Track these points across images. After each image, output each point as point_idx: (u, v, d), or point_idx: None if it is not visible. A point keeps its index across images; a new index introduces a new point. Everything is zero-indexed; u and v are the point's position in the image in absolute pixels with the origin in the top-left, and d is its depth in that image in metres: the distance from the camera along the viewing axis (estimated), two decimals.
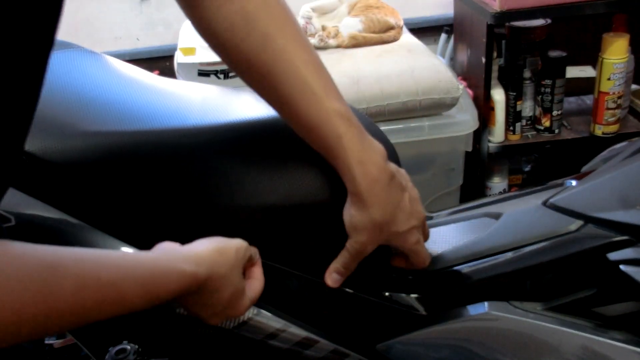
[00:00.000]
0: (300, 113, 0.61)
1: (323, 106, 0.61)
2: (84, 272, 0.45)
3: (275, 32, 0.60)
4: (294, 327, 0.69)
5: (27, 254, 0.42)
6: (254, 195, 0.65)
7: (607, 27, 1.64)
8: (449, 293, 0.70)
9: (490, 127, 1.72)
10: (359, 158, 0.61)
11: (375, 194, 0.62)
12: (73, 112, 0.70)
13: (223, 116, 0.70)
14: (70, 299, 0.43)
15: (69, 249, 0.45)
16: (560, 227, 0.68)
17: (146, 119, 0.70)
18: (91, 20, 1.98)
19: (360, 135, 0.62)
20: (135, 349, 0.68)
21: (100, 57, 0.84)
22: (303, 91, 0.61)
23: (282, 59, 0.60)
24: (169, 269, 0.52)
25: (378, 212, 0.63)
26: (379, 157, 0.63)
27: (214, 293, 0.57)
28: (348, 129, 0.61)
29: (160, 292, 0.50)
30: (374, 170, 0.62)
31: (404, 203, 0.65)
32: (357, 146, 0.61)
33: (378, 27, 1.74)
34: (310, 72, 0.61)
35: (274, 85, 0.61)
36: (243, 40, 0.60)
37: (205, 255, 0.56)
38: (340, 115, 0.61)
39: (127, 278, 0.47)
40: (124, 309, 0.47)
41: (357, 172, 0.61)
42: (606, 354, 0.62)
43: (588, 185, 0.70)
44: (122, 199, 0.67)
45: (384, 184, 0.63)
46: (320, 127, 0.61)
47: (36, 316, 0.41)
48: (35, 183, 0.67)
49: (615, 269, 0.62)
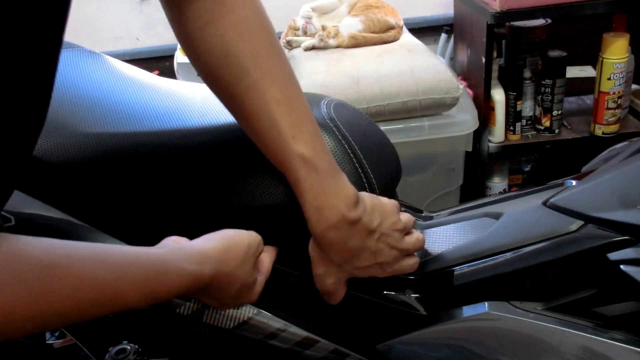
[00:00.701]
0: (266, 150, 0.62)
1: (287, 148, 0.60)
2: (81, 272, 0.44)
3: (250, 66, 0.60)
4: (294, 327, 0.69)
5: (24, 253, 0.42)
6: (254, 196, 0.65)
7: (607, 27, 1.64)
8: (449, 293, 0.70)
9: (490, 127, 1.72)
10: (315, 204, 0.61)
11: (330, 239, 0.62)
12: (73, 113, 0.70)
13: (223, 116, 0.70)
14: (66, 299, 0.43)
15: (66, 247, 0.45)
16: (561, 227, 0.68)
17: (146, 120, 0.70)
18: (91, 20, 1.98)
19: (321, 181, 0.61)
20: (135, 349, 0.68)
21: (101, 57, 0.84)
22: (270, 129, 0.60)
23: (253, 94, 0.60)
24: (170, 268, 0.51)
25: (335, 256, 0.64)
26: (341, 204, 0.61)
27: (221, 289, 0.57)
28: (308, 174, 0.61)
29: (159, 291, 0.50)
30: (331, 217, 0.61)
31: (369, 243, 0.64)
32: (314, 192, 0.61)
33: (378, 27, 1.74)
34: (281, 111, 0.60)
35: (245, 118, 0.62)
36: (219, 68, 0.60)
37: (211, 254, 0.55)
38: (302, 159, 0.60)
39: (125, 277, 0.47)
40: (122, 307, 0.47)
41: (312, 218, 0.62)
42: (606, 354, 0.61)
43: (588, 185, 0.70)
44: (122, 200, 0.67)
45: (342, 230, 0.62)
46: (282, 167, 0.62)
47: (30, 316, 0.41)
48: (35, 183, 0.67)
49: (615, 269, 0.62)
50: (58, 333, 1.02)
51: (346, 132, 0.68)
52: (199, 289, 0.54)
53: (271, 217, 0.66)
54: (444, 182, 1.67)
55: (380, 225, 0.65)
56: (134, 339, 0.69)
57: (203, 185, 0.66)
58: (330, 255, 0.64)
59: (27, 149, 0.44)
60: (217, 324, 0.68)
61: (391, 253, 0.66)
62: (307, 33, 1.77)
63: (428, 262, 0.73)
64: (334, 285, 0.66)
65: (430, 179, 1.65)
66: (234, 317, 0.68)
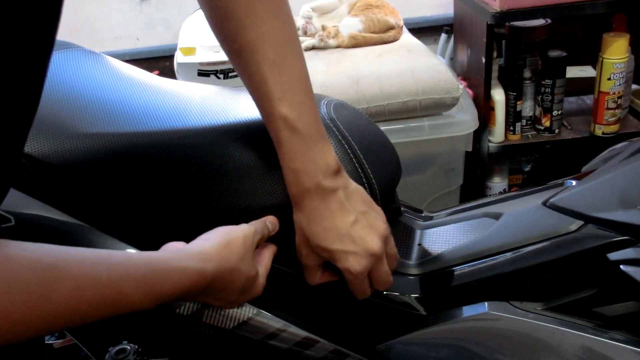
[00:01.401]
0: (257, 105, 0.63)
1: (272, 109, 0.61)
2: (81, 273, 0.44)
3: (248, 25, 0.61)
4: (294, 327, 0.69)
5: (23, 255, 0.41)
6: (254, 196, 0.65)
7: (607, 27, 1.64)
8: (449, 293, 0.70)
9: (490, 127, 1.72)
10: (292, 167, 0.62)
11: (303, 203, 0.63)
12: (72, 113, 0.70)
13: (223, 117, 0.70)
14: (67, 301, 0.42)
15: (67, 249, 0.45)
16: (561, 227, 0.68)
17: (146, 120, 0.70)
18: (91, 20, 1.98)
19: (303, 146, 0.62)
20: (135, 349, 0.68)
21: (100, 57, 0.84)
22: (259, 89, 0.62)
23: (248, 52, 0.61)
24: (172, 268, 0.51)
25: (304, 220, 0.63)
26: (318, 171, 0.62)
27: (225, 287, 0.57)
28: (290, 136, 0.61)
29: (163, 291, 0.50)
30: (306, 182, 0.62)
31: (339, 221, 0.63)
32: (292, 155, 0.62)
33: (378, 27, 1.74)
34: (272, 72, 0.61)
35: (241, 74, 0.63)
36: (222, 23, 0.62)
37: (211, 252, 0.55)
38: (285, 121, 0.61)
39: (126, 278, 0.47)
40: (125, 308, 0.47)
41: (288, 178, 0.63)
42: (606, 354, 0.61)
43: (588, 185, 0.70)
44: (122, 200, 0.67)
45: (315, 197, 0.62)
46: (268, 128, 0.63)
47: (30, 319, 0.40)
48: (34, 184, 0.66)
49: (615, 269, 0.62)
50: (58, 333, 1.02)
51: (346, 132, 0.68)
52: (203, 288, 0.54)
53: None
54: (444, 182, 1.67)
55: (363, 213, 0.64)
56: (134, 339, 0.69)
57: (203, 185, 0.66)
58: (300, 218, 0.64)
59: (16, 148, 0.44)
60: (217, 324, 0.67)
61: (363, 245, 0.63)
62: (307, 33, 1.77)
63: (428, 262, 0.73)
64: (307, 259, 0.65)
65: (430, 179, 1.65)
66: (234, 317, 0.68)
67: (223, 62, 1.59)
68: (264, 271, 0.63)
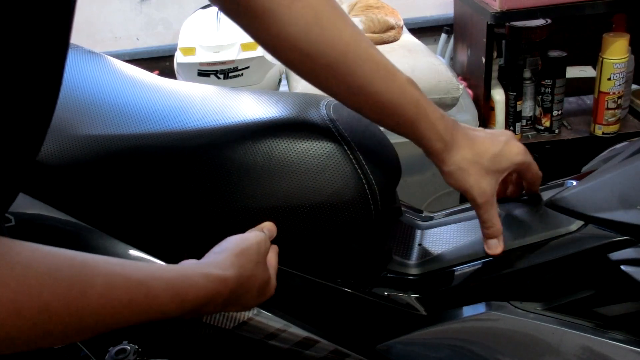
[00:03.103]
0: (378, 92, 0.64)
1: (398, 80, 0.65)
2: (113, 272, 0.44)
3: (341, 23, 0.63)
4: (294, 327, 0.69)
5: (57, 254, 0.42)
6: (254, 197, 0.65)
7: (607, 27, 1.64)
8: (449, 293, 0.70)
9: (490, 127, 1.72)
10: (438, 114, 0.67)
11: (457, 136, 0.67)
12: (72, 114, 0.70)
13: (223, 118, 0.70)
14: (100, 298, 0.42)
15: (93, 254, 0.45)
16: (561, 227, 0.68)
17: (146, 122, 0.69)
18: (91, 20, 1.98)
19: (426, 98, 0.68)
20: (135, 349, 0.68)
21: (101, 58, 0.84)
22: (378, 71, 0.64)
23: (354, 45, 0.63)
24: (195, 274, 0.51)
25: (466, 150, 0.68)
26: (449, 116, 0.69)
27: (245, 293, 0.57)
28: (420, 92, 0.67)
29: (189, 295, 0.49)
30: (449, 122, 0.68)
31: (481, 133, 0.70)
32: (431, 106, 0.67)
33: (378, 27, 1.74)
34: (377, 52, 0.65)
35: (348, 73, 0.64)
36: (318, 35, 0.62)
37: (229, 262, 0.55)
38: (411, 83, 0.67)
39: (155, 278, 0.47)
40: (155, 311, 0.47)
41: (440, 126, 0.66)
42: (606, 354, 0.61)
43: (588, 185, 0.70)
44: (122, 202, 0.67)
45: (462, 131, 0.68)
46: (399, 99, 0.65)
47: (66, 315, 0.40)
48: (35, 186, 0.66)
49: (615, 269, 0.62)
50: None
51: (346, 133, 0.68)
52: (226, 295, 0.54)
53: (272, 219, 0.66)
54: (444, 182, 1.67)
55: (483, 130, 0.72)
56: (134, 339, 0.69)
57: (202, 187, 0.66)
58: (466, 154, 0.68)
59: (32, 152, 0.44)
60: (217, 324, 0.67)
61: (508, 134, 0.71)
62: None
63: (428, 262, 0.73)
64: (494, 190, 0.69)
65: (430, 179, 1.65)
66: (234, 317, 0.68)
67: (223, 62, 1.59)
68: (274, 272, 0.63)
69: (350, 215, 0.66)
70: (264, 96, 0.74)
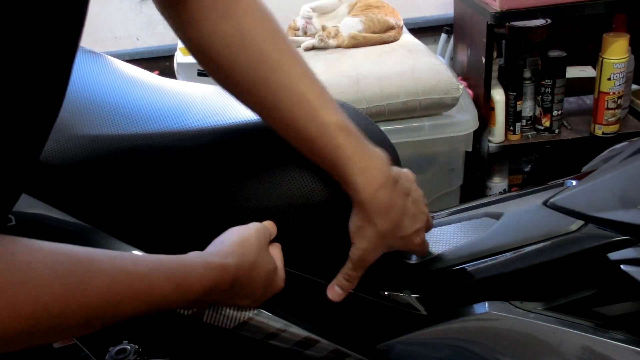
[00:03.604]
0: (297, 126, 0.61)
1: (320, 118, 0.60)
2: (114, 268, 0.45)
3: (270, 48, 0.60)
4: (294, 327, 0.69)
5: (60, 251, 0.42)
6: (254, 197, 0.65)
7: (607, 27, 1.64)
8: (449, 293, 0.70)
9: (490, 127, 1.72)
10: (360, 166, 0.61)
11: (379, 202, 0.61)
12: (73, 115, 0.70)
13: (223, 118, 0.70)
14: (103, 295, 0.43)
15: (95, 249, 0.46)
16: (561, 227, 0.68)
17: (147, 122, 0.69)
18: (91, 20, 1.96)
19: (360, 144, 0.61)
20: (135, 349, 0.68)
21: (101, 58, 0.84)
22: (300, 103, 0.60)
23: (278, 73, 0.60)
24: (196, 263, 0.52)
25: (383, 222, 0.62)
26: (382, 163, 0.62)
27: (249, 283, 0.57)
28: (347, 139, 0.60)
29: (191, 284, 0.50)
30: (378, 176, 0.61)
31: (408, 207, 0.64)
32: (357, 155, 0.61)
33: (378, 27, 1.74)
34: (306, 84, 0.61)
35: (270, 100, 0.61)
36: (239, 56, 0.60)
37: (229, 250, 0.56)
38: (338, 125, 0.60)
39: (156, 270, 0.48)
40: (157, 303, 0.47)
41: (359, 180, 0.61)
42: (607, 354, 0.61)
43: (588, 185, 0.70)
44: (122, 201, 0.67)
45: (388, 191, 0.62)
46: (318, 138, 0.60)
47: (69, 312, 0.41)
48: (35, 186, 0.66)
49: (616, 268, 0.62)
50: None
51: None
52: (229, 283, 0.55)
53: (272, 218, 0.66)
54: (444, 182, 1.67)
55: (411, 187, 0.66)
56: (134, 339, 0.69)
57: (203, 187, 0.66)
58: (378, 223, 0.62)
59: (36, 153, 0.44)
60: (217, 324, 0.67)
61: (423, 218, 0.67)
62: (307, 33, 1.77)
63: (428, 262, 0.73)
64: (376, 259, 0.65)
65: (430, 179, 1.65)
66: (234, 317, 0.68)
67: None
68: (281, 265, 0.63)
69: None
70: None
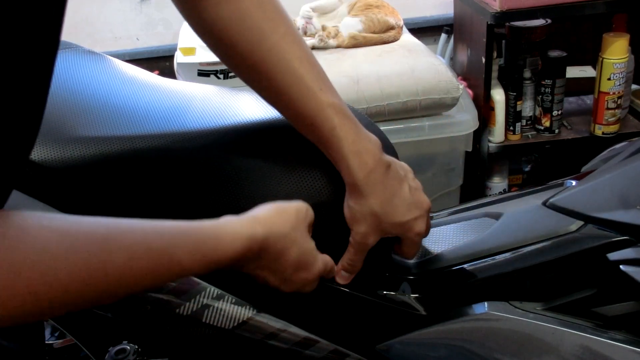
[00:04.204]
0: (295, 106, 0.62)
1: (317, 99, 0.62)
2: (134, 243, 0.45)
3: (268, 29, 0.62)
4: (294, 327, 0.69)
5: (78, 229, 0.42)
6: (254, 197, 0.65)
7: (607, 27, 1.64)
8: (449, 293, 0.70)
9: (490, 127, 1.72)
10: (354, 148, 0.62)
11: (372, 183, 0.63)
12: (73, 116, 0.70)
13: (222, 119, 0.70)
14: (122, 271, 0.43)
15: (117, 220, 0.46)
16: (561, 227, 0.68)
17: (147, 123, 0.69)
18: (91, 20, 1.98)
19: (355, 127, 0.63)
20: (135, 349, 0.68)
21: (101, 58, 0.84)
22: (297, 85, 0.62)
23: (275, 54, 0.62)
24: (222, 233, 0.52)
25: (376, 202, 0.63)
26: (375, 148, 0.63)
27: (279, 256, 0.57)
28: (342, 120, 0.62)
29: (214, 256, 0.50)
30: (370, 160, 0.62)
31: (403, 193, 0.65)
32: (351, 137, 0.62)
33: (378, 27, 1.74)
34: (304, 67, 0.62)
35: (268, 80, 0.63)
36: (238, 38, 0.62)
37: (261, 217, 0.56)
38: (334, 107, 0.62)
39: (179, 244, 0.48)
40: (178, 274, 0.48)
41: (352, 162, 0.62)
42: (606, 354, 0.61)
43: (588, 185, 0.70)
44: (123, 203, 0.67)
45: (381, 174, 0.63)
46: (314, 119, 0.62)
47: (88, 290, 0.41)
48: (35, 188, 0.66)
49: (615, 269, 0.62)
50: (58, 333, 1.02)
51: None
52: (256, 252, 0.54)
53: None
54: (444, 182, 1.67)
55: (406, 176, 0.67)
56: (134, 339, 0.69)
57: (202, 188, 0.66)
58: (371, 203, 0.63)
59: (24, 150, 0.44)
60: (217, 324, 0.67)
61: (422, 207, 0.67)
62: (307, 33, 1.77)
63: (428, 262, 0.73)
64: (375, 243, 0.66)
65: (430, 179, 1.65)
66: (234, 317, 0.68)
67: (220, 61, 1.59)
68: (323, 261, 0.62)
69: None
70: None
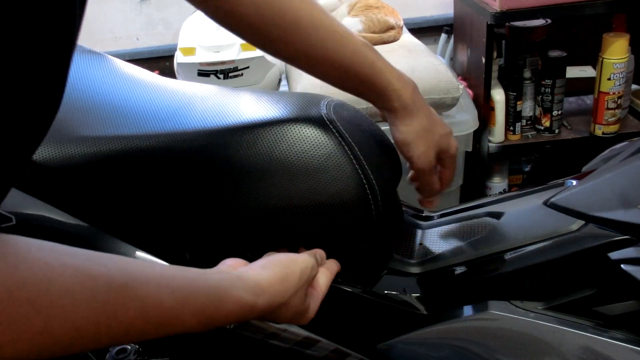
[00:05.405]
0: (332, 55, 0.67)
1: (351, 43, 0.68)
2: (147, 296, 0.45)
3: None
4: (294, 327, 0.69)
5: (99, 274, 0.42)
6: (254, 197, 0.65)
7: (607, 27, 1.64)
8: (450, 292, 0.70)
9: (490, 127, 1.72)
10: (396, 74, 0.70)
11: (417, 101, 0.71)
12: (74, 116, 0.70)
13: (223, 118, 0.70)
14: (133, 320, 0.43)
15: (135, 266, 0.45)
16: (561, 226, 0.68)
17: (148, 123, 0.69)
18: (91, 20, 1.98)
19: (383, 57, 0.70)
20: (136, 349, 0.68)
21: (101, 57, 0.84)
22: (332, 35, 0.67)
23: (305, 13, 0.66)
24: (227, 297, 0.51)
25: (424, 118, 0.71)
26: (408, 77, 0.72)
27: (273, 318, 0.57)
28: (375, 54, 0.69)
29: (216, 318, 0.50)
30: (409, 81, 0.71)
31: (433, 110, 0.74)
32: (388, 66, 0.70)
33: (378, 27, 1.74)
34: (331, 20, 0.68)
35: (300, 41, 0.66)
36: (265, 10, 0.64)
37: (266, 285, 0.55)
38: (365, 45, 0.69)
39: (186, 304, 0.47)
40: (179, 331, 0.48)
41: (398, 86, 0.70)
42: (607, 353, 0.62)
43: (589, 185, 0.70)
44: (123, 202, 0.67)
45: (418, 92, 0.72)
46: (353, 61, 0.68)
47: (98, 334, 0.41)
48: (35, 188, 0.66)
49: (616, 268, 0.62)
50: None
51: (346, 133, 0.68)
52: (252, 317, 0.54)
53: (273, 219, 0.66)
54: None
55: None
56: None
57: (203, 188, 0.66)
58: (421, 120, 0.71)
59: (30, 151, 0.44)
60: None
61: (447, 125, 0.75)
62: None
63: (428, 262, 0.73)
64: (435, 157, 0.74)
65: None
66: None
67: (223, 62, 1.59)
68: (316, 303, 0.62)
69: (351, 215, 0.66)
70: (264, 96, 0.74)
